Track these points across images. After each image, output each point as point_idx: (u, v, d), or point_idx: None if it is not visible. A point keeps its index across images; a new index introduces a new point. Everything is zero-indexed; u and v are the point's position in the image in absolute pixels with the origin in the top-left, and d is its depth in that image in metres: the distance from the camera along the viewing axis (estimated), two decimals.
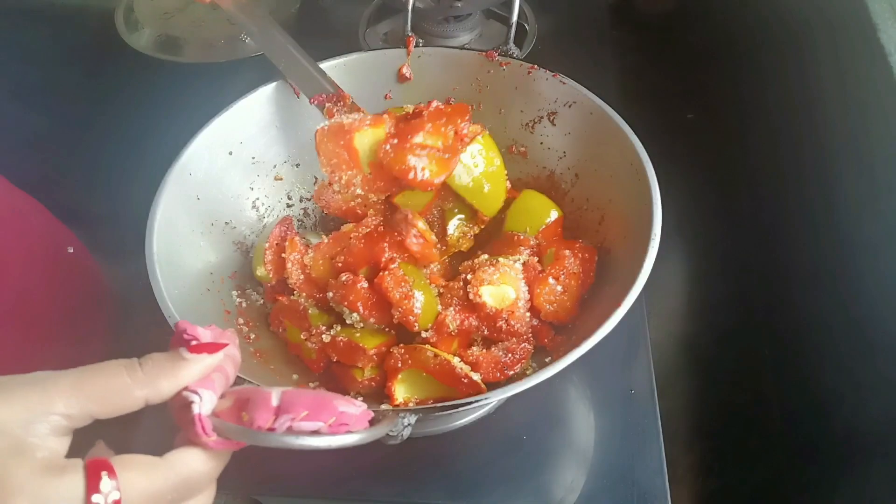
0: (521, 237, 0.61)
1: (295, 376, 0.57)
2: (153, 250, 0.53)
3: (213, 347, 0.36)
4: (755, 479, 0.70)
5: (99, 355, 0.35)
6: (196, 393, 0.35)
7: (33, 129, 0.88)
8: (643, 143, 0.59)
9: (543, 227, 0.62)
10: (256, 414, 0.35)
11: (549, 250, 0.59)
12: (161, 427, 0.36)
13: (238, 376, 0.45)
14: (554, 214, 0.63)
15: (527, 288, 0.57)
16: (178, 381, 0.34)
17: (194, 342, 0.36)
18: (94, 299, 0.65)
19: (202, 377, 0.36)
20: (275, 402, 0.36)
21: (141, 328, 0.66)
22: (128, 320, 0.68)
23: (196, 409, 0.34)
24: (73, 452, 0.32)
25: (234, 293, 0.61)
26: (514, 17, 0.73)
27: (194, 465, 0.34)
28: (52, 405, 0.31)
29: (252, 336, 0.58)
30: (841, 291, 0.64)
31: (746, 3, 0.87)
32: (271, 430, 0.35)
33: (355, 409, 0.38)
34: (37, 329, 0.57)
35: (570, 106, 0.65)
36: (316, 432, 0.36)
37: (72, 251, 0.63)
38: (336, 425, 0.37)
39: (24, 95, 0.91)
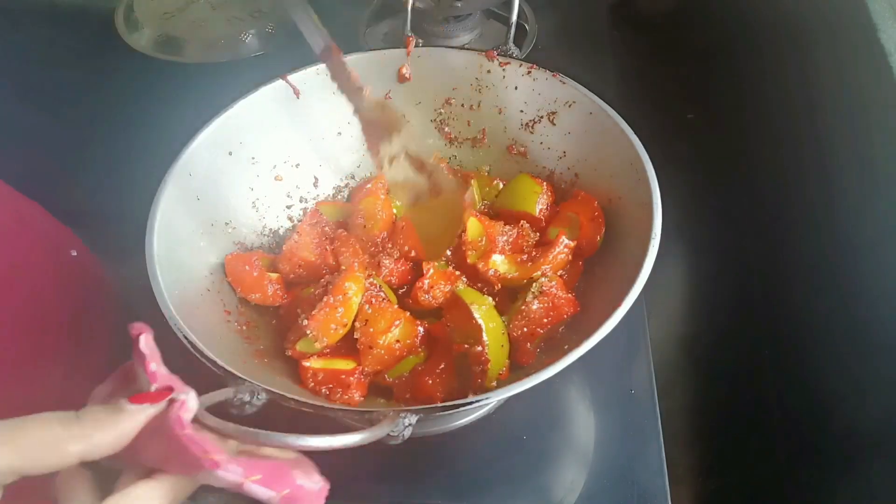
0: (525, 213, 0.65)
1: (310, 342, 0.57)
2: (153, 250, 0.53)
3: (156, 396, 0.33)
4: (755, 479, 0.70)
5: (104, 358, 0.34)
6: (184, 392, 0.33)
7: (33, 130, 0.88)
8: (643, 143, 0.59)
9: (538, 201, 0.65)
10: (213, 449, 0.33)
11: (553, 228, 0.63)
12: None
13: (239, 376, 0.45)
14: (543, 187, 0.66)
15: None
16: (117, 436, 0.32)
17: (146, 382, 0.33)
18: (99, 302, 0.65)
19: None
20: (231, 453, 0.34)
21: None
22: (128, 321, 0.68)
23: (184, 409, 0.33)
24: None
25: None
26: (514, 17, 0.73)
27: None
28: None
29: (252, 336, 0.58)
30: (841, 291, 0.64)
31: (746, 3, 0.87)
32: (215, 465, 0.33)
33: (314, 484, 0.37)
34: (45, 335, 0.56)
35: (570, 106, 0.65)
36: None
37: (75, 254, 0.62)
38: (289, 497, 0.35)
39: (24, 95, 0.91)
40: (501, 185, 0.70)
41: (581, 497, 0.57)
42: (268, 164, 0.68)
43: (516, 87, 0.68)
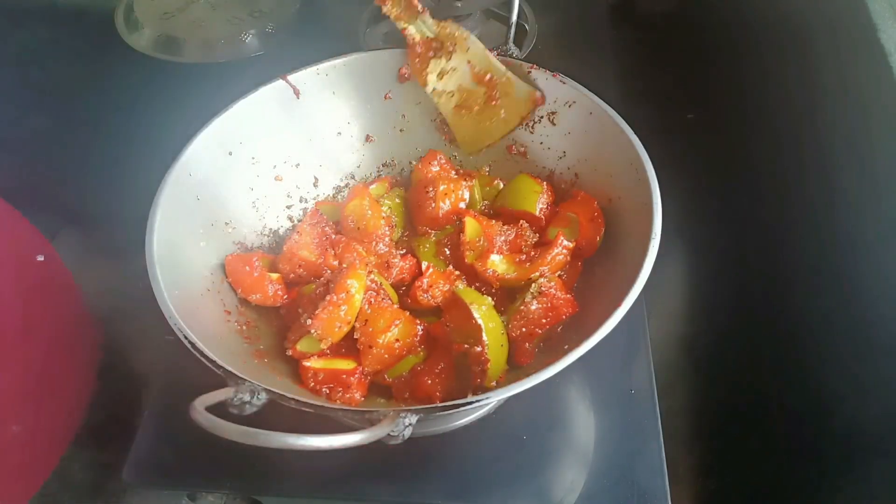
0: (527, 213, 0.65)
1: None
2: (153, 250, 0.53)
3: None
4: (755, 479, 0.70)
5: (68, 365, 0.33)
6: None
7: (33, 129, 0.88)
8: (643, 143, 0.59)
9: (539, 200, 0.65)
10: None
11: (552, 229, 0.63)
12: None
13: (239, 376, 0.46)
14: (543, 187, 0.66)
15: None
16: None
17: None
18: (62, 309, 0.63)
19: None
20: None
21: (141, 328, 0.66)
22: (128, 321, 0.68)
23: None
24: None
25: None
26: (514, 17, 0.73)
27: None
28: None
29: (252, 336, 0.58)
30: (841, 291, 0.64)
31: (746, 3, 0.87)
32: None
33: None
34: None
35: (570, 106, 0.65)
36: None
37: (41, 259, 0.62)
38: None
39: (24, 95, 0.91)
40: (501, 185, 0.70)
41: (581, 497, 0.57)
42: (268, 164, 0.68)
43: None
